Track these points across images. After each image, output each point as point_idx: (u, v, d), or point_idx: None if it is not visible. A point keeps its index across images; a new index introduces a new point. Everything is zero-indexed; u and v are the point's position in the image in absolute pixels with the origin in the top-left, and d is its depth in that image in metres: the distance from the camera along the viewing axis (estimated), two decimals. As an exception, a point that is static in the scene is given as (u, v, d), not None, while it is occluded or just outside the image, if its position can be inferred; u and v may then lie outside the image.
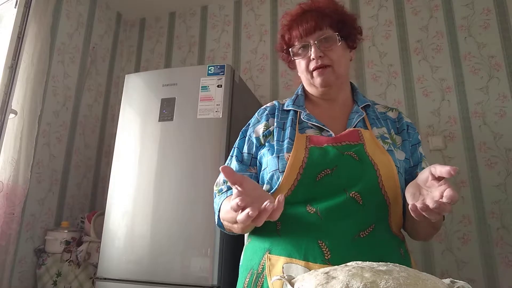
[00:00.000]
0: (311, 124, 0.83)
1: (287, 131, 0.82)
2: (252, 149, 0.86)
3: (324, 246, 0.70)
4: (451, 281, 0.49)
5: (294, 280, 0.51)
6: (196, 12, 2.80)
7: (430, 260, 1.85)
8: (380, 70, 2.20)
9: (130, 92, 1.86)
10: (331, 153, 0.75)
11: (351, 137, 0.78)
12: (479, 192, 1.86)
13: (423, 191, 0.61)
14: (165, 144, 1.69)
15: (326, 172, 0.73)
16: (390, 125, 0.86)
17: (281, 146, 0.80)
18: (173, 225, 1.55)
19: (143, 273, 1.53)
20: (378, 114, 0.88)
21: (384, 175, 0.73)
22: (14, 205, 1.76)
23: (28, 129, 1.86)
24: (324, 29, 0.83)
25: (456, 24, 2.11)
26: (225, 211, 0.78)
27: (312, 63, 0.83)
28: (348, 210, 0.71)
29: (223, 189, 0.85)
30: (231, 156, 0.90)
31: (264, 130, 0.86)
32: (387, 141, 0.81)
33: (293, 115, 0.87)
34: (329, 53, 0.83)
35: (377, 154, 0.75)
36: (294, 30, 0.85)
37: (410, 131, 0.87)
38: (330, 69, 0.83)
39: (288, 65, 0.95)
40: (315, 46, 0.82)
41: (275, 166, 0.77)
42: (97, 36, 2.62)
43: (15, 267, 1.86)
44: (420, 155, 0.85)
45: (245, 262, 0.81)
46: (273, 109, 0.91)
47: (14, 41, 1.60)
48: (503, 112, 1.91)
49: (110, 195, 1.73)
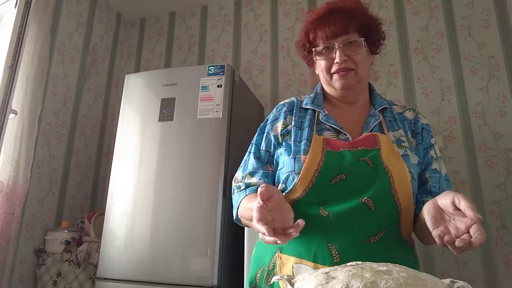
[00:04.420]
0: (329, 126, 0.83)
1: (304, 132, 0.82)
2: (270, 147, 0.87)
3: (334, 249, 0.71)
4: (451, 281, 0.49)
5: (294, 280, 0.51)
6: (196, 12, 2.80)
7: (430, 260, 1.85)
8: (380, 70, 2.20)
9: (130, 92, 1.86)
10: (347, 159, 0.75)
11: (368, 142, 0.78)
12: (479, 192, 1.86)
13: (445, 216, 0.61)
14: (165, 144, 1.69)
15: (341, 177, 0.74)
16: (407, 127, 0.86)
17: (298, 147, 0.79)
18: (173, 225, 1.55)
19: (143, 273, 1.53)
20: (395, 115, 0.88)
21: (397, 181, 0.73)
22: (14, 205, 1.76)
23: (28, 129, 1.86)
24: (350, 33, 0.82)
25: (456, 24, 2.11)
26: (244, 208, 0.80)
27: (335, 66, 0.83)
28: (359, 215, 0.72)
29: (241, 186, 0.86)
30: (249, 152, 0.91)
31: (282, 128, 0.86)
32: (403, 144, 0.80)
33: (312, 114, 0.86)
34: (353, 57, 0.82)
35: (392, 160, 0.75)
36: (320, 30, 0.84)
37: (424, 134, 0.86)
38: (353, 73, 0.83)
39: (306, 62, 0.94)
40: (340, 50, 0.81)
41: (291, 167, 0.77)
42: (97, 36, 2.61)
43: (15, 267, 1.86)
44: (431, 158, 0.84)
45: (257, 257, 0.84)
46: (292, 106, 0.90)
47: (14, 41, 1.60)
48: (503, 112, 1.91)
49: (110, 195, 1.73)
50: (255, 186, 0.83)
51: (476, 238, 0.52)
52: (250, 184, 0.84)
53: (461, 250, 0.55)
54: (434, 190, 0.80)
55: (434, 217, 0.61)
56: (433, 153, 0.85)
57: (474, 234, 0.53)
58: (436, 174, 0.82)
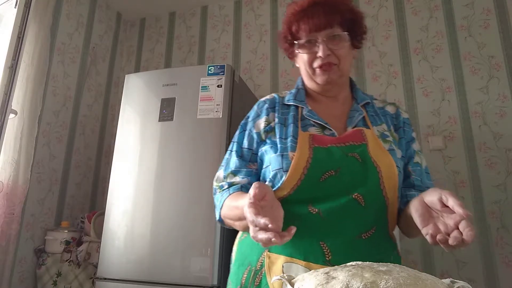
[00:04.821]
0: (313, 122, 0.82)
1: (289, 128, 0.80)
2: (253, 144, 0.84)
3: (326, 247, 0.70)
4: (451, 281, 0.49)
5: (294, 280, 0.51)
6: (196, 12, 2.80)
7: (430, 260, 1.85)
8: (380, 70, 2.20)
9: (130, 92, 1.86)
10: (336, 154, 0.74)
11: (355, 137, 0.77)
12: (479, 192, 1.86)
13: (432, 213, 0.61)
14: (165, 144, 1.69)
15: (330, 174, 0.73)
16: (389, 121, 0.86)
17: (285, 144, 0.78)
18: (173, 225, 1.55)
19: (143, 273, 1.53)
20: (377, 109, 0.87)
21: (386, 176, 0.73)
22: (14, 205, 1.76)
23: (28, 129, 1.86)
24: (334, 27, 0.80)
25: (456, 24, 2.11)
26: (229, 207, 0.77)
27: (318, 60, 0.81)
28: (350, 211, 0.71)
29: (223, 185, 0.83)
30: (231, 150, 0.88)
31: (265, 125, 0.84)
32: (388, 139, 0.80)
33: (295, 110, 0.85)
34: (336, 51, 0.81)
35: (379, 155, 0.75)
36: (303, 23, 0.82)
37: (406, 128, 0.86)
38: (336, 67, 0.82)
39: (288, 54, 0.92)
40: (324, 44, 0.79)
41: (279, 165, 0.75)
42: (97, 36, 2.62)
43: (15, 267, 1.86)
44: (413, 152, 0.85)
45: (241, 257, 0.81)
46: (273, 103, 0.88)
47: (14, 41, 1.60)
48: (503, 112, 1.91)
49: (110, 195, 1.73)
50: (239, 185, 0.80)
51: (468, 235, 0.53)
52: (233, 183, 0.82)
53: (453, 248, 0.55)
54: (417, 184, 0.81)
55: (422, 215, 0.61)
56: (415, 146, 0.86)
57: (465, 231, 0.53)
58: (418, 167, 0.83)
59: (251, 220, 0.56)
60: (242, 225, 0.75)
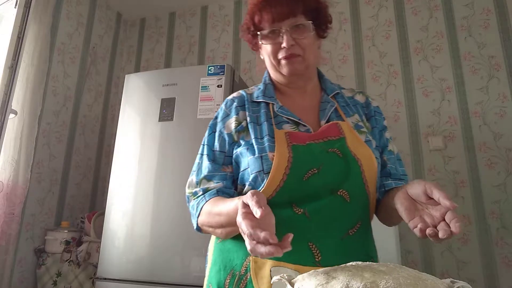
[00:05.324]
0: (286, 118, 0.79)
1: (263, 127, 0.77)
2: (225, 146, 0.80)
3: (315, 248, 0.68)
4: (451, 281, 0.49)
5: (294, 280, 0.51)
6: (196, 12, 2.80)
7: (430, 260, 1.85)
8: (380, 70, 2.20)
9: (130, 92, 1.86)
10: (316, 151, 0.72)
11: (332, 131, 0.75)
12: (479, 192, 1.86)
13: (417, 205, 0.61)
14: (165, 144, 1.69)
15: (313, 172, 0.70)
16: (360, 111, 0.84)
17: (262, 144, 0.74)
18: (173, 225, 1.55)
19: (143, 273, 1.53)
20: (347, 99, 0.86)
21: (367, 169, 0.72)
22: (14, 205, 1.76)
23: (28, 129, 1.86)
24: (297, 16, 0.78)
25: (456, 24, 2.11)
26: (209, 214, 0.73)
27: (282, 51, 0.78)
28: (336, 209, 0.70)
29: (197, 192, 0.79)
30: (201, 154, 0.83)
31: (236, 125, 0.80)
32: (362, 130, 0.79)
33: (266, 108, 0.81)
34: (301, 41, 0.78)
35: (358, 148, 0.73)
36: (266, 12, 0.79)
37: (377, 117, 0.85)
38: (300, 58, 0.79)
39: (252, 46, 0.89)
40: (287, 34, 0.77)
41: (259, 167, 0.72)
42: (97, 36, 2.62)
43: (15, 267, 1.86)
44: (386, 140, 0.83)
45: (222, 261, 0.77)
46: (242, 101, 0.85)
47: (14, 41, 1.60)
48: (503, 112, 1.91)
49: (110, 195, 1.73)
50: (214, 190, 0.77)
51: (456, 227, 0.52)
52: (208, 189, 0.77)
53: (441, 240, 0.55)
54: (393, 172, 0.80)
55: (407, 209, 0.61)
56: (387, 135, 0.85)
57: (452, 222, 0.53)
58: (391, 156, 0.82)
59: (248, 233, 0.52)
60: (225, 232, 0.72)
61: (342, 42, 2.34)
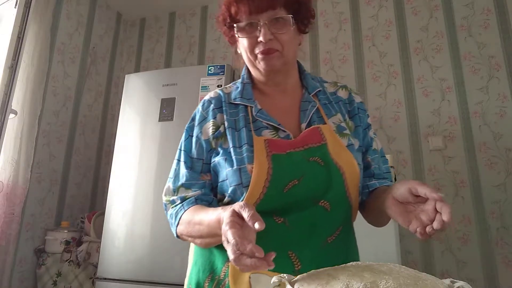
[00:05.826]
0: (266, 123, 0.75)
1: (242, 134, 0.73)
2: (203, 154, 0.76)
3: (295, 256, 0.67)
4: (451, 281, 0.49)
5: (294, 280, 0.51)
6: (196, 12, 2.80)
7: (430, 260, 1.85)
8: (380, 70, 2.20)
9: (130, 92, 1.86)
10: (297, 161, 0.69)
11: (312, 138, 0.72)
12: (479, 192, 1.86)
13: (409, 207, 0.60)
14: (165, 144, 1.69)
15: (294, 183, 0.68)
16: (343, 109, 0.80)
17: (240, 155, 0.70)
18: (173, 225, 1.55)
19: (143, 273, 1.53)
20: (329, 96, 0.82)
21: (349, 177, 0.70)
22: (14, 205, 1.76)
23: (28, 129, 1.86)
24: (277, 9, 0.73)
25: (456, 24, 2.11)
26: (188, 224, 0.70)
27: (260, 46, 0.73)
28: (316, 219, 0.69)
29: (175, 201, 0.76)
30: (178, 160, 0.79)
31: (213, 130, 0.76)
32: (345, 132, 0.76)
33: (244, 111, 0.77)
34: (279, 36, 0.73)
35: (340, 155, 0.71)
36: (243, 4, 0.73)
37: (361, 115, 0.81)
38: (278, 53, 0.74)
39: (228, 39, 0.83)
40: (265, 28, 0.71)
41: (238, 180, 0.69)
42: (97, 36, 2.62)
43: (15, 267, 1.86)
44: (370, 140, 0.80)
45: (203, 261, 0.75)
46: (219, 102, 0.80)
47: (14, 41, 1.60)
48: (503, 112, 1.91)
49: (110, 195, 1.73)
50: (193, 198, 0.73)
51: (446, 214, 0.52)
52: (186, 197, 0.74)
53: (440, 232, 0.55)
54: (376, 172, 0.78)
55: (400, 214, 0.60)
56: (371, 133, 0.82)
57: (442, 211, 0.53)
58: (376, 155, 0.80)
59: (234, 243, 0.50)
60: (205, 242, 0.69)
61: (342, 42, 2.34)
